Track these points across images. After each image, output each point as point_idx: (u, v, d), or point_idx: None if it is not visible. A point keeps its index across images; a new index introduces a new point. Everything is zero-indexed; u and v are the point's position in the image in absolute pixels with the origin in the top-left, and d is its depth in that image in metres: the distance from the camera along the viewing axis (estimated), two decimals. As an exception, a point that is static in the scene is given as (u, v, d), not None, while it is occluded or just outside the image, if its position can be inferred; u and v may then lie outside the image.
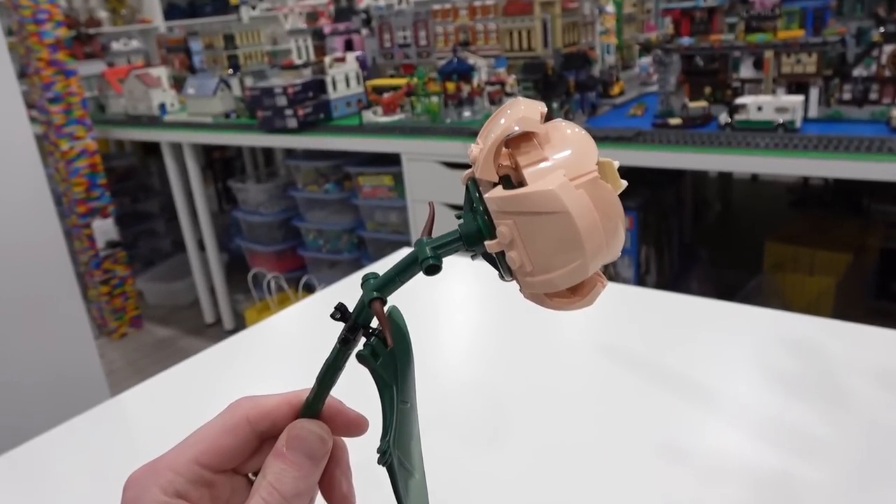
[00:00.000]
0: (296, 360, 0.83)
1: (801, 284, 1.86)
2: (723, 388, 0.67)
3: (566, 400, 0.69)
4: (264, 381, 0.78)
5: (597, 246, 0.25)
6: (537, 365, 0.76)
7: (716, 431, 0.61)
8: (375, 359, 0.30)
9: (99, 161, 2.88)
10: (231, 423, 0.32)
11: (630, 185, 0.29)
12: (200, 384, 0.79)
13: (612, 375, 0.71)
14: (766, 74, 1.63)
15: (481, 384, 0.73)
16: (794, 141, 1.46)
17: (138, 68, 3.01)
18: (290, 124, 2.22)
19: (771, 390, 0.66)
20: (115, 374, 2.67)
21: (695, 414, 0.64)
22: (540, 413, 0.67)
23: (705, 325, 0.81)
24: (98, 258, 2.91)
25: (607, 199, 0.25)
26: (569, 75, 1.83)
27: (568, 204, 0.24)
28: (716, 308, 0.84)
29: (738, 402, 0.65)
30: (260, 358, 0.84)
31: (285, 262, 2.76)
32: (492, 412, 0.68)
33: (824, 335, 0.75)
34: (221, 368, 0.82)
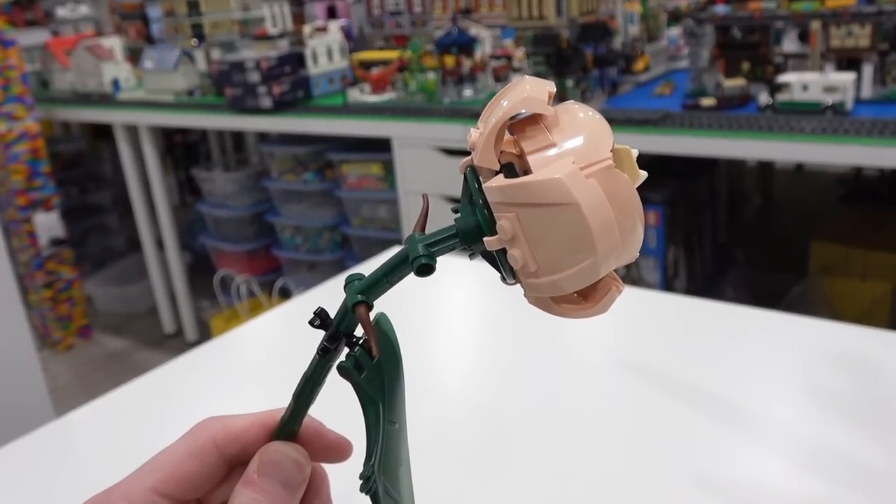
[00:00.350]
0: (269, 375, 0.84)
1: (853, 290, 1.87)
2: (761, 410, 0.67)
3: (580, 422, 0.69)
4: (232, 399, 0.78)
5: (610, 244, 0.24)
6: (547, 382, 0.76)
7: (753, 459, 0.61)
8: (359, 371, 0.30)
9: (42, 146, 2.88)
10: (195, 446, 0.32)
11: (656, 175, 0.29)
12: (158, 404, 0.79)
13: (633, 394, 0.71)
14: (813, 48, 1.63)
15: (482, 403, 0.73)
16: (845, 125, 1.46)
17: (88, 38, 3.01)
18: (264, 104, 2.22)
19: (817, 412, 0.66)
20: (60, 391, 2.67)
21: (728, 439, 0.64)
22: (550, 437, 0.67)
23: (742, 336, 0.81)
24: (40, 258, 2.91)
25: (623, 190, 0.25)
26: (586, 48, 1.84)
27: (577, 195, 0.24)
28: (754, 317, 0.84)
29: (779, 426, 0.65)
30: (228, 373, 0.84)
31: (257, 263, 2.76)
32: (494, 436, 0.68)
33: (879, 348, 0.75)
34: (183, 386, 0.82)
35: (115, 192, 3.56)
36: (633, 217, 0.25)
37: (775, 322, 0.83)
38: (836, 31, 1.60)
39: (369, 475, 0.30)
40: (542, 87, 0.26)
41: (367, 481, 0.30)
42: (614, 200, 0.24)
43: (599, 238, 0.24)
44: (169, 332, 3.07)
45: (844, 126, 1.47)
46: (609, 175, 0.25)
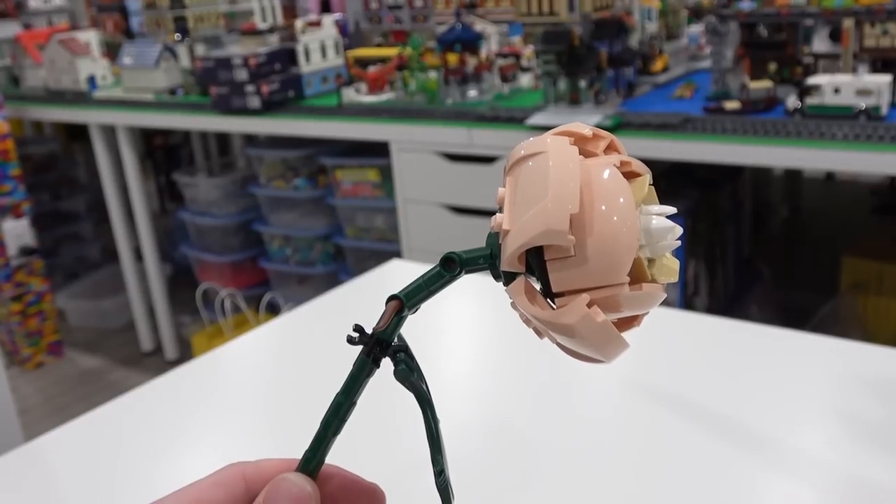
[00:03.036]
0: (256, 398, 0.84)
1: (888, 309, 1.87)
2: (788, 438, 0.67)
3: (596, 447, 0.69)
4: (215, 424, 0.78)
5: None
6: (563, 405, 0.76)
7: (779, 491, 0.61)
8: (423, 381, 0.34)
9: (11, 147, 2.89)
10: (223, 477, 0.34)
11: (676, 184, 0.31)
12: (135, 427, 0.79)
13: (651, 419, 0.72)
14: (845, 48, 1.64)
15: (496, 425, 0.73)
16: (880, 131, 1.47)
17: (62, 32, 3.02)
18: (252, 104, 2.23)
19: (849, 441, 0.66)
20: (30, 412, 2.67)
21: (753, 468, 0.64)
22: (565, 462, 0.67)
23: (767, 358, 0.81)
24: (9, 268, 2.91)
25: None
26: (600, 47, 1.84)
27: (588, 338, 0.29)
28: (781, 338, 0.84)
29: (808, 455, 0.65)
30: (210, 395, 0.84)
31: (243, 275, 2.77)
32: (511, 460, 0.68)
33: (916, 373, 0.75)
34: (162, 408, 0.82)
35: (89, 198, 3.56)
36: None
37: (803, 343, 0.83)
38: (870, 29, 1.61)
39: (441, 470, 0.34)
40: (566, 202, 0.28)
41: (440, 475, 0.34)
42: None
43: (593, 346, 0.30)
44: (147, 350, 3.07)
45: (879, 132, 1.47)
46: (618, 301, 0.29)
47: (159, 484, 0.69)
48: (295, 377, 0.85)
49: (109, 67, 2.92)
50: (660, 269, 0.31)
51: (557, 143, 0.30)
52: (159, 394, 0.84)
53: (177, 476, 0.70)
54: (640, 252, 0.30)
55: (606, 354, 0.30)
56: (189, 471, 0.71)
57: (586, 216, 0.28)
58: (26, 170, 3.09)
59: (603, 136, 0.32)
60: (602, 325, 0.28)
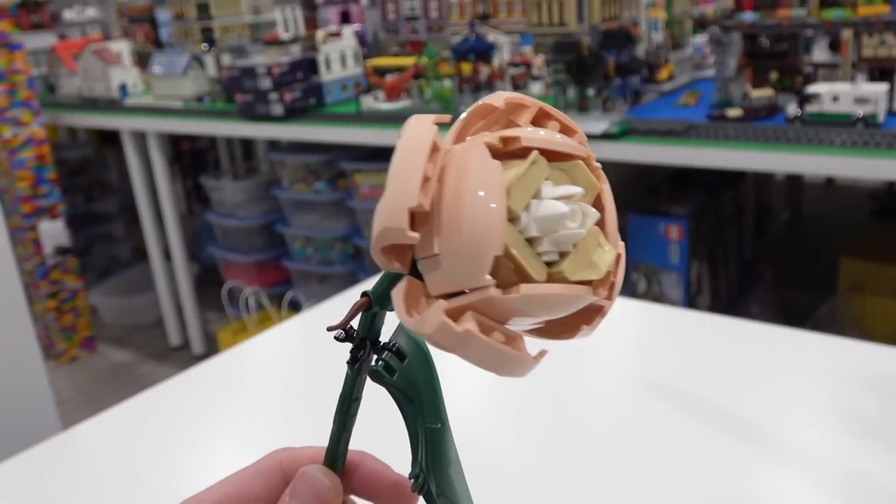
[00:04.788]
0: (279, 391, 0.84)
1: (884, 309, 1.86)
2: (787, 434, 0.67)
3: (600, 442, 0.69)
4: (240, 416, 0.79)
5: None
6: (566, 401, 0.76)
7: (778, 484, 0.61)
8: (391, 374, 0.31)
9: (48, 152, 2.91)
10: (263, 466, 0.34)
11: (680, 188, 0.29)
12: (164, 418, 0.79)
13: (654, 415, 0.72)
14: (844, 58, 1.63)
15: (496, 424, 0.73)
16: (877, 138, 1.46)
17: (95, 42, 3.04)
18: (275, 111, 2.24)
19: (846, 436, 0.66)
20: (65, 404, 2.69)
21: (753, 462, 0.64)
22: (569, 457, 0.67)
23: (767, 356, 0.81)
24: (45, 267, 2.93)
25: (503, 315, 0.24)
26: (608, 56, 1.84)
27: (451, 349, 0.24)
28: (781, 336, 0.84)
29: (806, 451, 0.65)
30: (235, 389, 0.85)
31: (267, 274, 2.77)
32: (511, 456, 0.68)
33: (911, 371, 0.75)
34: (189, 400, 0.83)
35: (121, 201, 3.58)
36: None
37: (803, 341, 0.83)
38: (868, 39, 1.60)
39: (418, 473, 0.31)
40: (401, 196, 0.24)
41: (416, 479, 0.31)
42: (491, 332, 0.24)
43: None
44: (175, 345, 3.09)
45: (876, 139, 1.46)
46: (489, 304, 0.24)
47: (187, 470, 0.70)
48: (315, 371, 0.85)
49: (140, 76, 2.93)
50: (576, 264, 0.25)
51: (414, 124, 0.25)
52: (186, 387, 0.85)
53: (203, 464, 0.71)
54: (540, 245, 0.24)
55: (492, 369, 0.25)
56: (215, 459, 0.71)
57: (444, 209, 0.24)
58: (61, 173, 3.11)
59: (527, 103, 0.27)
60: (463, 335, 0.23)
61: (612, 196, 0.27)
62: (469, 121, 0.26)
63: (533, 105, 0.26)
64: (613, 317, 0.82)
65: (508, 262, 0.24)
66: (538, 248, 0.24)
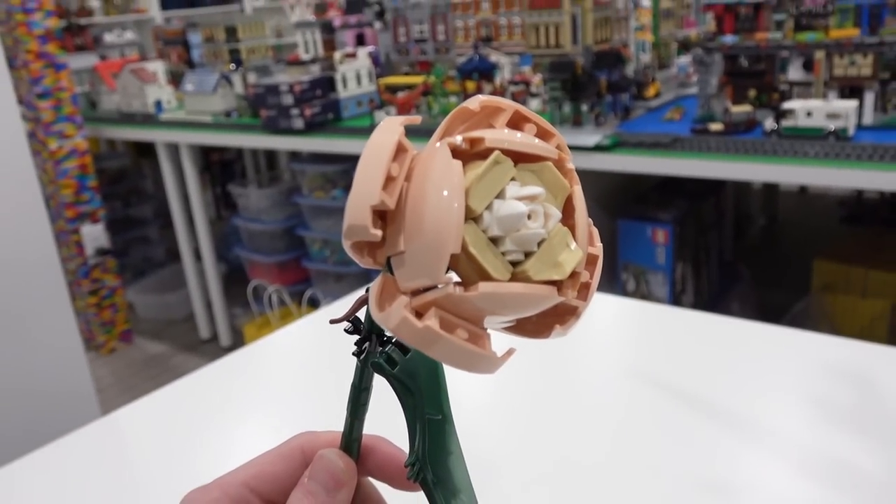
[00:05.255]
0: (299, 380, 0.84)
1: (854, 307, 1.85)
2: (764, 419, 0.67)
3: (591, 429, 0.69)
4: (264, 402, 0.79)
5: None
6: (557, 391, 0.76)
7: (756, 466, 0.61)
8: (392, 366, 0.30)
9: (89, 162, 2.92)
10: (286, 449, 0.34)
11: (666, 196, 0.28)
12: (195, 405, 0.80)
13: (641, 403, 0.71)
14: (817, 77, 1.63)
15: (489, 413, 0.73)
16: (847, 150, 1.46)
17: (133, 62, 3.05)
18: (296, 125, 2.24)
19: (817, 422, 0.65)
20: (104, 391, 2.69)
21: (733, 446, 0.63)
22: (562, 444, 0.67)
23: (746, 349, 0.81)
24: (86, 266, 2.94)
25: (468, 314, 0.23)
26: (600, 75, 1.84)
27: (416, 344, 0.23)
28: (758, 331, 0.84)
29: (781, 435, 0.65)
30: (260, 378, 0.85)
31: (288, 274, 2.78)
32: (505, 444, 0.68)
33: (878, 363, 0.74)
34: (217, 389, 0.83)
35: (156, 206, 3.59)
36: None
37: (778, 336, 0.82)
38: (839, 60, 1.60)
39: (414, 462, 0.30)
40: (364, 194, 0.23)
41: (412, 468, 0.30)
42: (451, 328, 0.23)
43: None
44: (205, 338, 3.09)
45: (846, 151, 1.46)
46: (449, 301, 0.23)
47: (215, 452, 0.70)
48: (332, 361, 0.85)
49: (173, 93, 2.94)
50: (541, 263, 0.23)
51: (382, 126, 0.24)
52: (215, 376, 0.85)
53: (229, 447, 0.71)
54: (503, 245, 0.23)
55: (457, 366, 0.23)
56: (240, 443, 0.71)
57: (409, 208, 0.23)
58: (102, 181, 3.12)
59: (503, 106, 0.25)
60: (424, 330, 0.22)
61: (583, 198, 0.25)
62: (450, 124, 0.25)
63: (509, 108, 0.25)
64: (605, 313, 0.83)
65: (468, 260, 0.23)
66: (502, 248, 0.23)
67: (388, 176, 0.23)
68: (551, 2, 2.06)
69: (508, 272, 0.23)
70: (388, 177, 0.23)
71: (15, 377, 1.52)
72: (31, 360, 1.55)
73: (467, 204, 0.23)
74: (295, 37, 2.81)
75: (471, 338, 0.23)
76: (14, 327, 1.52)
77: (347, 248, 0.24)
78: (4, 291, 1.50)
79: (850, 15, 1.66)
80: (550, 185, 0.24)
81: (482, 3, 2.32)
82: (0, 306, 1.50)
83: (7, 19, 2.68)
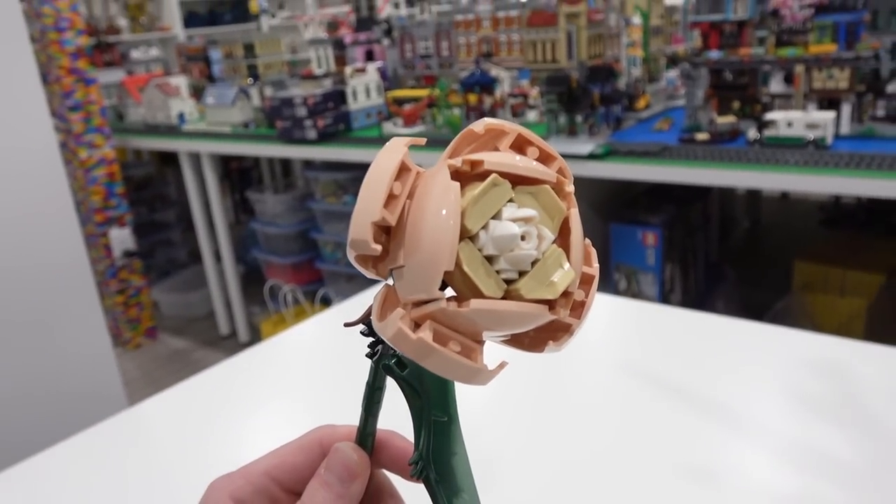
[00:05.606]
0: (313, 373, 0.84)
1: (832, 306, 1.85)
2: (748, 410, 0.67)
3: (586, 418, 0.69)
4: (280, 394, 0.79)
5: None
6: (552, 383, 0.76)
7: (739, 452, 0.61)
8: (401, 368, 0.29)
9: (117, 170, 2.93)
10: (304, 441, 0.34)
11: (656, 201, 0.28)
12: (215, 396, 0.80)
13: (633, 394, 0.71)
14: (797, 89, 1.62)
15: (489, 408, 0.73)
16: (825, 158, 1.45)
17: (157, 77, 3.06)
18: (310, 135, 2.24)
19: (797, 412, 0.65)
20: (131, 384, 2.70)
21: (718, 435, 0.63)
22: (559, 431, 0.67)
23: (731, 345, 0.81)
24: (114, 267, 2.95)
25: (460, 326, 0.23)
26: (594, 88, 1.84)
27: (411, 354, 0.23)
28: (742, 328, 0.84)
29: (763, 424, 0.65)
30: (275, 371, 0.85)
31: (302, 274, 2.78)
32: (504, 436, 0.68)
33: (854, 358, 0.74)
34: (236, 381, 0.83)
35: (178, 211, 3.60)
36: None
37: (761, 333, 0.82)
38: (818, 74, 1.59)
39: (417, 460, 0.30)
40: (367, 211, 0.23)
41: (415, 465, 0.30)
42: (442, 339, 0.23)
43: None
44: (224, 334, 3.10)
45: (825, 159, 1.46)
46: (443, 315, 0.23)
47: (234, 441, 0.70)
48: (344, 356, 0.85)
49: (195, 106, 2.94)
50: (535, 282, 0.23)
51: (388, 146, 0.24)
52: (234, 370, 0.85)
53: (247, 435, 0.71)
54: (498, 264, 0.23)
55: (449, 376, 0.23)
56: (257, 431, 0.72)
57: (409, 225, 0.23)
58: (128, 188, 3.13)
59: (507, 129, 0.25)
60: (417, 342, 0.22)
61: (579, 220, 0.25)
62: (457, 145, 0.25)
63: (512, 131, 0.25)
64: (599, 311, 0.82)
65: (462, 277, 0.23)
66: (496, 266, 0.23)
67: (391, 194, 0.23)
68: (548, 20, 2.06)
69: (501, 290, 0.23)
70: (391, 195, 0.23)
71: (48, 371, 1.52)
72: (63, 354, 1.56)
73: (463, 223, 0.22)
74: (308, 53, 2.82)
75: (463, 351, 0.23)
76: (47, 324, 1.53)
77: (352, 259, 0.24)
78: (38, 291, 1.51)
79: (827, 31, 1.65)
80: (547, 207, 0.24)
81: (483, 21, 2.32)
82: (34, 305, 1.50)
83: (41, 37, 2.69)
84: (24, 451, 0.71)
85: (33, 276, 1.50)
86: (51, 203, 1.53)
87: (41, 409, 1.50)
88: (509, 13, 2.26)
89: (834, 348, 0.77)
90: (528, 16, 2.14)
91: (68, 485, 0.65)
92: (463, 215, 0.22)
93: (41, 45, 2.71)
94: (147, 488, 0.64)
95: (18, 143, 1.46)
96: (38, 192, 1.50)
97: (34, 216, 1.49)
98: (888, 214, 2.13)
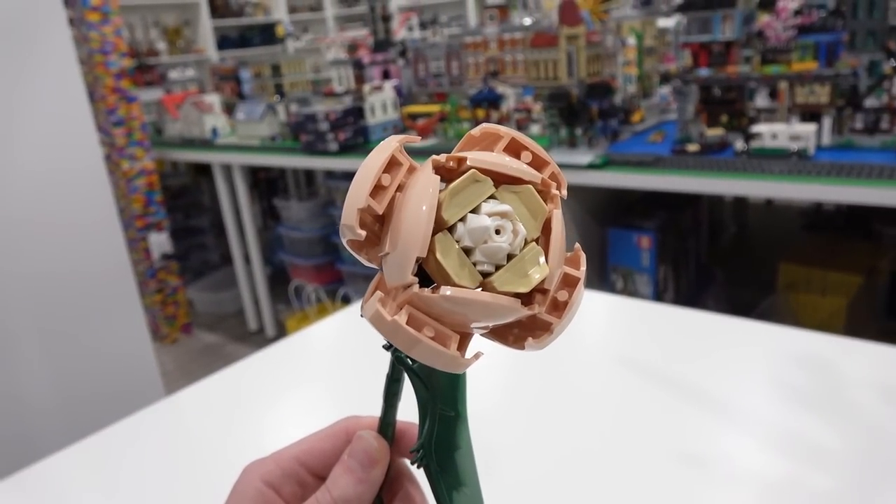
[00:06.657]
0: (334, 367, 0.85)
1: (814, 305, 1.83)
2: (736, 401, 0.66)
3: (584, 409, 0.68)
4: (304, 385, 0.79)
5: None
6: (548, 377, 0.75)
7: (729, 441, 0.60)
8: (413, 360, 0.28)
9: (156, 180, 2.95)
10: (332, 430, 0.34)
11: (649, 207, 0.28)
12: (246, 387, 0.80)
13: (629, 387, 0.71)
14: (781, 104, 1.62)
15: (492, 398, 0.73)
16: (808, 167, 1.44)
17: (193, 95, 3.08)
18: (331, 147, 2.25)
19: (782, 403, 0.65)
20: (167, 376, 2.71)
21: (709, 424, 0.63)
22: (559, 420, 0.67)
23: (720, 340, 0.80)
24: (153, 269, 2.97)
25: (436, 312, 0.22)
26: (592, 103, 1.83)
27: (386, 335, 0.22)
28: (731, 324, 0.83)
29: (751, 414, 0.64)
30: (300, 364, 0.85)
31: (324, 275, 2.79)
32: (506, 425, 0.68)
33: (834, 352, 0.74)
34: (264, 373, 0.83)
35: (211, 217, 3.62)
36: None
37: (748, 329, 0.82)
38: (800, 89, 1.59)
39: (418, 449, 0.30)
40: (355, 199, 0.22)
41: (416, 453, 0.30)
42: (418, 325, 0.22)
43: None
44: (253, 330, 3.11)
45: (807, 168, 1.45)
46: (418, 299, 0.22)
47: (264, 429, 0.70)
48: (363, 350, 0.85)
49: (227, 121, 2.96)
50: (509, 275, 0.22)
51: (381, 143, 0.24)
52: (262, 363, 0.85)
53: (273, 423, 0.71)
54: (474, 256, 0.22)
55: (424, 360, 0.22)
56: (284, 421, 0.72)
57: (394, 215, 0.22)
58: (166, 196, 3.14)
59: (501, 133, 0.24)
60: (391, 324, 0.22)
61: (562, 222, 0.24)
62: (460, 149, 0.25)
63: (506, 135, 0.24)
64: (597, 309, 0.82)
65: (436, 265, 0.22)
66: (473, 258, 0.22)
67: (379, 185, 0.23)
68: (550, 41, 2.06)
69: (476, 281, 0.22)
70: (379, 185, 0.23)
71: (92, 363, 1.53)
72: (106, 348, 1.57)
73: (439, 214, 0.22)
74: (330, 72, 2.83)
75: (437, 337, 0.22)
76: (92, 321, 1.54)
77: (346, 244, 0.24)
78: (83, 291, 1.52)
79: (809, 51, 1.64)
80: (530, 206, 0.23)
81: (490, 43, 2.32)
82: (81, 303, 1.51)
83: (88, 60, 2.72)
84: (72, 436, 0.71)
85: (80, 278, 1.52)
86: (96, 210, 1.54)
87: (87, 398, 1.51)
88: (514, 35, 2.26)
89: (816, 343, 0.76)
90: (532, 37, 2.14)
91: (111, 469, 0.65)
92: (440, 207, 0.22)
93: (88, 66, 2.73)
94: (184, 471, 0.64)
95: (68, 156, 1.47)
96: (84, 201, 1.51)
97: (81, 222, 1.51)
98: (866, 219, 2.11)
